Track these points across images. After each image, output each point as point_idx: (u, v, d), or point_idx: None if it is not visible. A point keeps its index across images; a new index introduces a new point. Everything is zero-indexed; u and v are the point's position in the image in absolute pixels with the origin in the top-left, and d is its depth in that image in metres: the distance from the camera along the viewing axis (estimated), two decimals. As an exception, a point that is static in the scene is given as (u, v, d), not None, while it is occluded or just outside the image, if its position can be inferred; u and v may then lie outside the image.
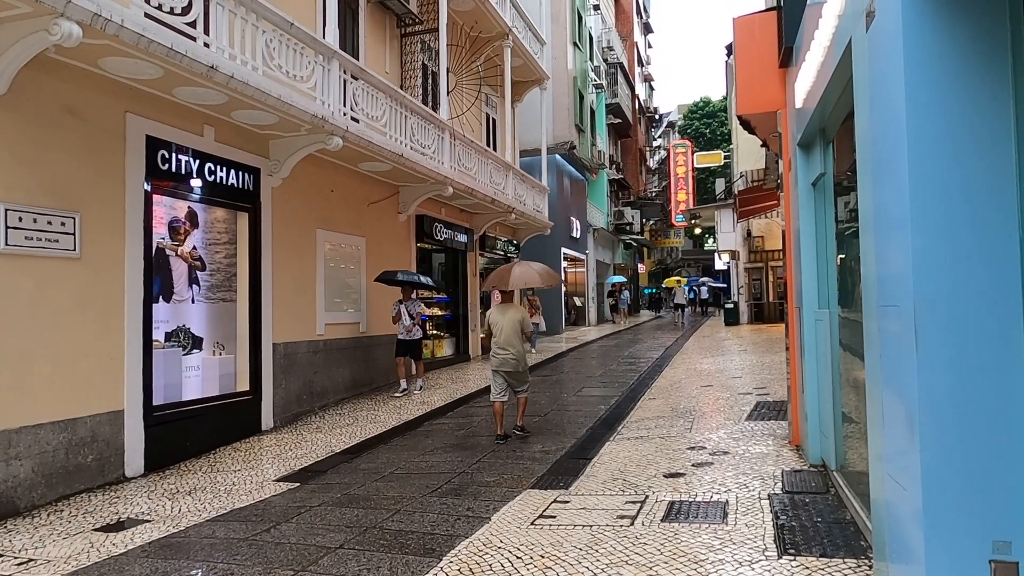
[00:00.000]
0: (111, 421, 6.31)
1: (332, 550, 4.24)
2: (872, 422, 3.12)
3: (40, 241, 5.68)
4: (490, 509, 4.88)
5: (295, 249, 9.30)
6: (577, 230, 25.32)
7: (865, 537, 3.78)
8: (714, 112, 48.76)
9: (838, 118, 4.42)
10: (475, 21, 14.63)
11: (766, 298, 25.86)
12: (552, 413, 8.71)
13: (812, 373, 5.36)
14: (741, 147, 24.34)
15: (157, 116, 6.91)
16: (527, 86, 18.84)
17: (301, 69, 7.86)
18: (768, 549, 3.77)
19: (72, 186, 6.01)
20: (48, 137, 5.82)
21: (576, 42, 24.95)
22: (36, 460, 5.61)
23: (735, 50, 6.39)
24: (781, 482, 5.00)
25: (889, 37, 2.60)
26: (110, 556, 4.40)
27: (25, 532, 5.00)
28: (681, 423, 7.39)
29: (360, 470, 6.35)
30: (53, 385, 5.78)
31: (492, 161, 14.77)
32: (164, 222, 7.51)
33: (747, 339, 18.20)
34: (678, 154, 38.10)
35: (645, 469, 5.65)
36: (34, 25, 4.96)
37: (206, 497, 5.70)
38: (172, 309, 7.66)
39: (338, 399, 10.12)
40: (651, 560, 3.74)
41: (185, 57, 5.95)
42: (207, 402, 7.75)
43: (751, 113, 6.44)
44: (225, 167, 7.90)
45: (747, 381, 10.08)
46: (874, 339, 3.00)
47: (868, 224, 3.06)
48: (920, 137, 2.43)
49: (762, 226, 24.90)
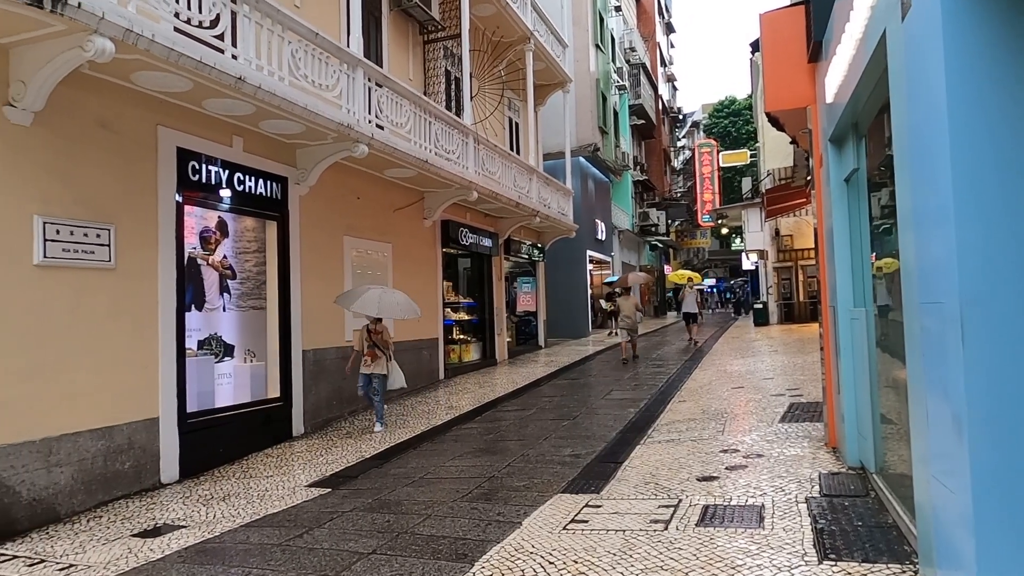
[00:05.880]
0: (147, 428, 6.42)
1: (364, 555, 4.25)
2: (915, 423, 3.03)
3: (77, 253, 5.81)
4: (521, 514, 4.84)
5: (323, 256, 9.39)
6: (602, 232, 25.20)
7: (909, 542, 3.67)
8: (739, 110, 48.19)
9: (871, 112, 4.31)
10: (497, 26, 14.67)
11: (796, 298, 25.42)
12: (581, 416, 8.65)
13: (848, 373, 5.23)
14: (768, 145, 24.02)
15: (187, 128, 7.04)
16: (550, 89, 18.82)
17: (326, 78, 7.94)
18: (807, 554, 3.68)
19: (106, 198, 6.15)
20: (83, 151, 5.96)
21: (598, 44, 24.87)
22: (76, 467, 5.73)
23: (762, 47, 6.29)
24: (819, 485, 4.88)
25: (926, 27, 2.52)
26: (148, 562, 4.46)
27: (66, 538, 5.10)
28: (713, 425, 7.28)
29: (390, 475, 6.37)
30: (91, 393, 5.90)
31: (516, 165, 14.78)
32: (195, 232, 7.64)
33: (778, 339, 17.90)
34: (703, 153, 37.75)
35: (677, 472, 5.57)
36: (69, 42, 5.08)
37: (240, 503, 5.76)
38: (204, 317, 7.78)
39: (367, 404, 10.16)
40: (686, 565, 3.67)
41: (214, 69, 6.05)
42: (239, 409, 7.86)
43: (780, 110, 6.33)
44: (254, 177, 8.01)
45: (779, 382, 9.90)
46: (915, 338, 2.91)
47: (907, 219, 2.98)
48: (962, 129, 2.35)
49: (790, 224, 24.51)
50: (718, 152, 37.23)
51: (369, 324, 8.51)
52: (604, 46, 25.90)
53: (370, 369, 8.47)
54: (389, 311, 8.33)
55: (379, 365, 8.46)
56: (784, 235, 25.17)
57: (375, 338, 8.48)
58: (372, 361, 8.44)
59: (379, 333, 8.52)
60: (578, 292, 23.00)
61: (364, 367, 8.49)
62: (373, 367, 8.45)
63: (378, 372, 8.47)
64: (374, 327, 8.49)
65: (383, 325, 8.65)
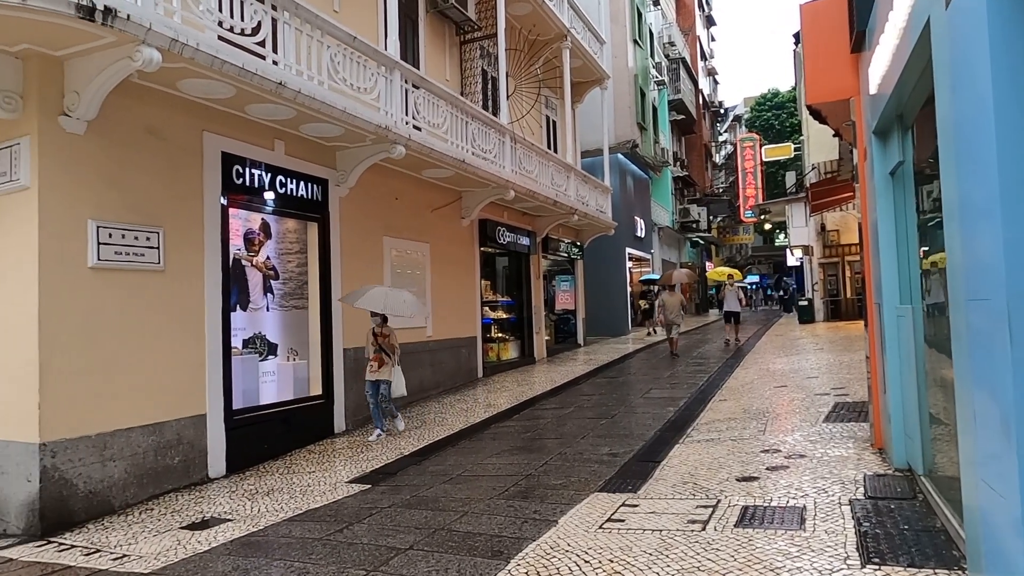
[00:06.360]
0: (195, 425, 6.64)
1: (402, 551, 4.32)
2: (962, 424, 2.93)
3: (128, 255, 6.05)
4: (557, 512, 4.85)
5: (362, 256, 9.54)
6: (641, 229, 24.95)
7: (958, 547, 3.55)
8: (783, 103, 47.07)
9: (917, 103, 4.18)
10: (533, 24, 14.66)
11: (843, 294, 24.73)
12: (619, 415, 8.60)
13: (895, 372, 5.08)
14: (812, 138, 23.41)
15: (231, 133, 7.24)
16: (587, 86, 18.72)
17: (364, 81, 8.07)
18: (850, 557, 3.59)
19: (155, 202, 6.37)
20: (132, 157, 6.19)
21: (636, 39, 24.62)
22: (128, 461, 5.97)
23: (802, 37, 6.15)
24: (863, 487, 4.76)
25: (971, 15, 2.44)
26: (196, 553, 4.62)
27: (119, 529, 5.32)
28: (754, 425, 7.15)
29: (428, 472, 6.44)
30: (142, 390, 6.13)
31: (553, 163, 14.75)
32: (240, 234, 7.85)
33: (823, 337, 17.46)
34: (746, 148, 36.99)
35: (716, 472, 5.49)
36: (118, 53, 5.29)
37: (283, 498, 5.91)
38: (248, 317, 7.99)
39: (406, 402, 10.30)
40: (724, 567, 3.62)
41: (255, 75, 6.21)
42: (282, 406, 8.05)
43: (822, 102, 6.17)
44: (295, 179, 8.19)
45: (824, 381, 9.66)
46: (962, 336, 2.82)
47: (952, 214, 2.88)
48: (1009, 120, 2.27)
49: (837, 219, 23.84)
50: (761, 146, 36.44)
51: (375, 327, 8.10)
52: (642, 41, 25.63)
53: (376, 375, 8.07)
54: (395, 308, 7.96)
55: (384, 371, 8.08)
56: (830, 230, 24.50)
57: (381, 341, 8.09)
58: (378, 367, 8.06)
59: (385, 336, 8.11)
60: (617, 290, 22.84)
61: (370, 373, 8.12)
62: (379, 373, 8.06)
63: (383, 379, 8.07)
64: (380, 330, 8.09)
65: (389, 328, 8.23)
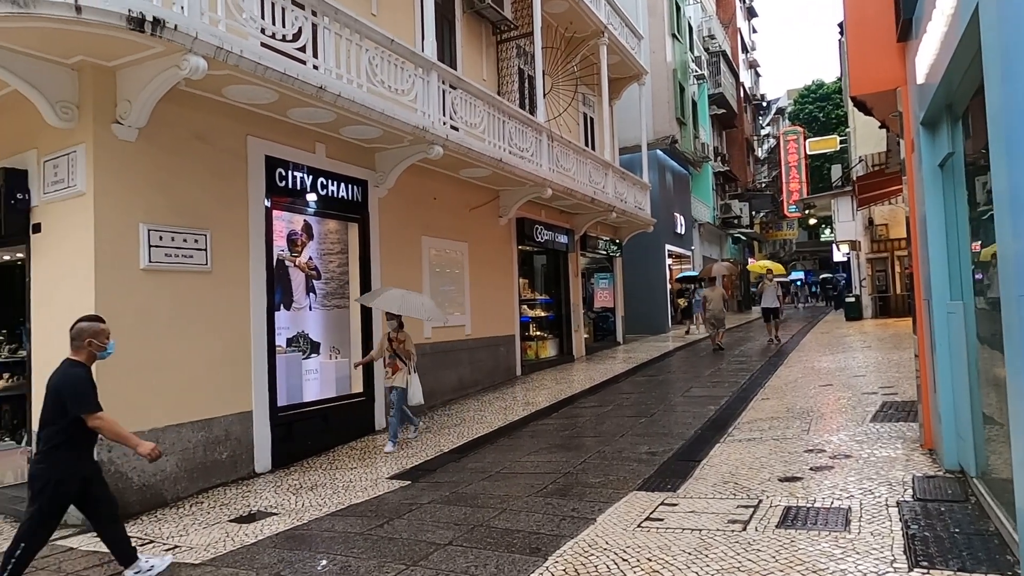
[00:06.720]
0: (241, 421, 6.84)
1: (441, 546, 4.38)
2: (1015, 424, 2.83)
3: (177, 257, 6.26)
4: (595, 510, 4.85)
5: (402, 256, 9.67)
6: (681, 226, 24.62)
7: (1012, 551, 3.43)
8: (828, 95, 45.77)
9: (966, 92, 4.03)
10: (570, 22, 14.61)
11: (892, 290, 23.96)
12: (659, 414, 8.53)
13: (945, 370, 4.91)
14: (859, 130, 22.72)
15: (274, 137, 7.42)
16: (625, 82, 18.56)
17: (402, 83, 8.17)
18: (897, 560, 3.50)
19: (202, 206, 6.58)
20: (181, 162, 6.41)
21: (675, 34, 24.30)
22: (179, 456, 6.18)
23: (846, 27, 6.00)
24: (912, 489, 4.62)
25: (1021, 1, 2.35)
26: (243, 545, 4.77)
27: (171, 521, 5.52)
28: (797, 424, 7.01)
29: (467, 469, 6.50)
30: (191, 387, 6.34)
31: (591, 160, 14.68)
32: (283, 235, 8.05)
33: (871, 335, 16.96)
34: (789, 141, 36.17)
35: (758, 472, 5.40)
36: (167, 62, 5.48)
37: (326, 493, 6.04)
38: (292, 316, 8.19)
39: (445, 400, 10.41)
40: (765, 568, 3.57)
41: (296, 80, 6.36)
42: (325, 403, 8.22)
43: (867, 93, 6.00)
44: (336, 181, 8.35)
45: (872, 380, 9.40)
46: (1014, 332, 2.72)
47: (1003, 206, 2.78)
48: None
49: (885, 213, 23.09)
50: (805, 139, 35.57)
51: (390, 332, 7.81)
52: (681, 35, 25.28)
53: (390, 382, 7.84)
54: (410, 310, 7.76)
55: (399, 378, 7.75)
56: (879, 224, 23.75)
57: (396, 347, 7.79)
58: (393, 373, 7.79)
59: (401, 342, 7.81)
60: (657, 287, 22.59)
61: (386, 379, 8.01)
62: (393, 379, 7.78)
63: (397, 385, 7.74)
64: (395, 335, 7.79)
65: (405, 333, 7.89)
